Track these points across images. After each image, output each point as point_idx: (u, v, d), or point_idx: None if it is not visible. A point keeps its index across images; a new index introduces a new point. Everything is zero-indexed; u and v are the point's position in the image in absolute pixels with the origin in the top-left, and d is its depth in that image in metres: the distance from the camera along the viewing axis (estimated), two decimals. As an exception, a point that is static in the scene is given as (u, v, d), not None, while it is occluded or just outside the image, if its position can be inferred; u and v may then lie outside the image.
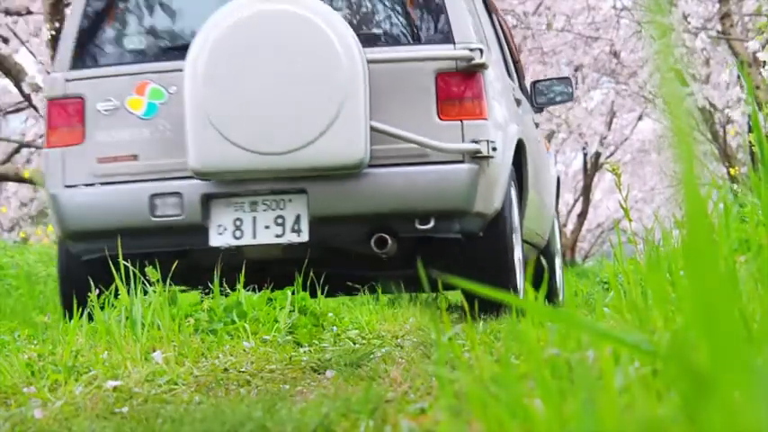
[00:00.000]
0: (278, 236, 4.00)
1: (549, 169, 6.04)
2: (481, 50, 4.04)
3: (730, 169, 12.27)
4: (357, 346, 3.54)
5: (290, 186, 3.97)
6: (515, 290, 4.31)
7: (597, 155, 25.07)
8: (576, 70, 20.12)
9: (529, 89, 5.58)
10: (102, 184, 4.11)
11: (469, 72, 4.00)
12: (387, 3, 4.21)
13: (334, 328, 4.00)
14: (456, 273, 4.05)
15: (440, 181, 3.97)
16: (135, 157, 4.08)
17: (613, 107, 23.97)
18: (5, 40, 11.91)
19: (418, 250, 4.08)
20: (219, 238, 4.04)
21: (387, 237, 3.99)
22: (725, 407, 0.66)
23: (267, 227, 3.98)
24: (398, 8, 4.19)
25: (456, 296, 6.92)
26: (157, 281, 3.42)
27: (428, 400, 1.93)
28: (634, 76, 20.29)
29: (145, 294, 3.38)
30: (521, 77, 5.67)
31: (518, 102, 4.98)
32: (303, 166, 3.88)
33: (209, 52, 3.80)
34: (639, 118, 24.73)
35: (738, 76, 14.86)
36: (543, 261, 4.17)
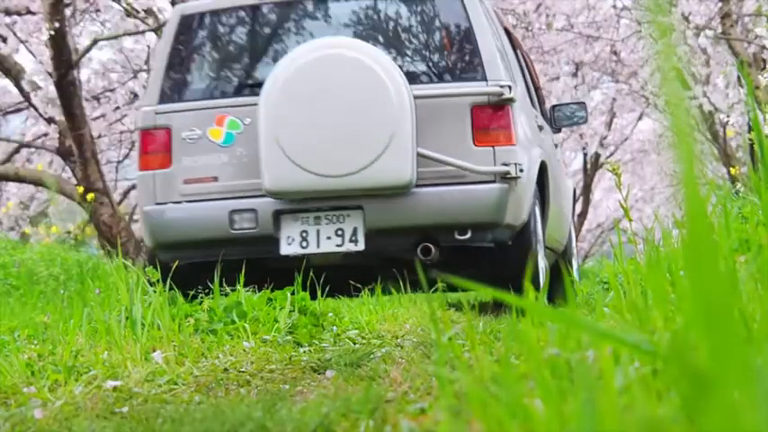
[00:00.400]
0: (338, 245, 4.62)
1: (567, 183, 6.82)
2: (510, 87, 4.71)
3: (730, 169, 12.26)
4: (357, 346, 3.54)
5: (348, 203, 4.59)
6: (538, 291, 5.02)
7: (597, 155, 25.08)
8: (576, 69, 20.11)
9: (549, 112, 6.33)
10: (188, 201, 4.74)
11: (500, 105, 4.66)
12: (428, 45, 4.92)
13: (334, 327, 4.00)
14: (487, 277, 4.88)
15: (475, 198, 4.62)
16: (215, 179, 4.72)
17: (613, 107, 23.96)
18: (5, 40, 11.91)
19: (456, 257, 4.82)
20: (288, 247, 4.65)
21: (431, 246, 4.61)
22: (725, 407, 0.66)
23: (329, 237, 4.60)
24: (438, 50, 4.90)
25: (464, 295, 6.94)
26: (157, 281, 3.65)
27: (428, 400, 1.93)
28: (634, 75, 20.29)
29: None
30: (542, 103, 6.41)
31: (540, 127, 5.69)
32: (360, 187, 4.51)
33: (279, 90, 4.46)
34: (639, 118, 24.73)
35: (738, 77, 14.86)
36: (562, 263, 5.19)
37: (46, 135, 13.06)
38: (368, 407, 1.81)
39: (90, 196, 9.66)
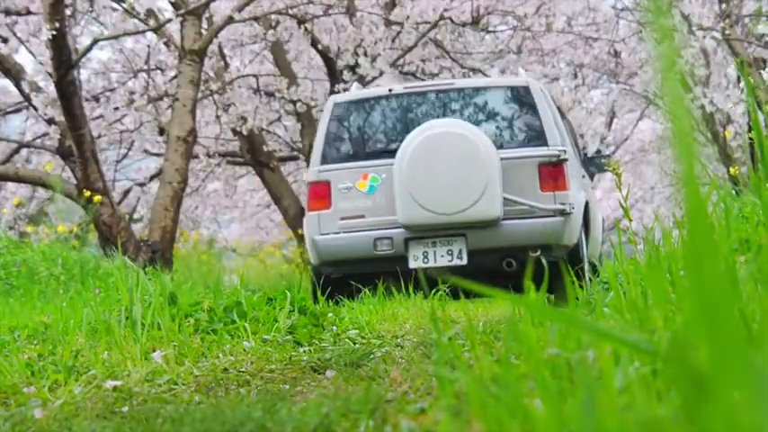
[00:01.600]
0: (449, 261, 6.48)
1: (599, 215, 8.82)
2: (564, 150, 6.62)
3: (730, 169, 12.25)
4: (357, 345, 3.54)
5: (455, 232, 6.43)
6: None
7: (597, 154, 25.01)
8: (576, 70, 20.10)
9: (584, 162, 8.35)
10: (344, 232, 6.60)
11: (558, 163, 6.55)
12: (509, 122, 6.89)
13: (334, 327, 4.00)
14: (549, 284, 6.43)
15: (543, 228, 6.47)
16: (363, 216, 6.60)
17: (613, 107, 23.95)
18: (5, 40, 11.91)
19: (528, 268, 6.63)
20: (414, 262, 6.49)
21: (512, 260, 6.46)
22: (725, 407, 0.66)
23: (442, 255, 6.48)
24: (516, 125, 6.87)
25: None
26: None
27: (428, 400, 1.93)
28: (634, 76, 20.27)
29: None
30: (580, 152, 8.53)
31: (583, 176, 7.74)
32: (464, 221, 6.36)
33: (408, 156, 6.30)
34: (639, 118, 24.73)
35: (738, 77, 14.85)
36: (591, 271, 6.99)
37: (46, 135, 13.06)
38: (368, 407, 1.81)
39: (97, 198, 9.67)
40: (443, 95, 6.95)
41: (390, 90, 7.01)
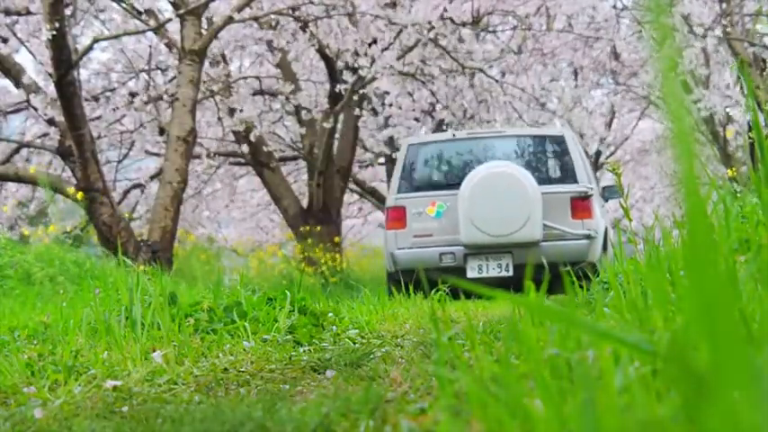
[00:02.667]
0: (498, 272, 8.27)
1: (611, 232, 10.97)
2: (591, 187, 8.48)
3: (730, 169, 12.30)
4: (357, 345, 3.53)
5: (504, 250, 8.20)
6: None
7: (597, 155, 25.06)
8: (576, 71, 20.09)
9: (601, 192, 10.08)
10: (417, 248, 8.50)
11: (586, 197, 8.38)
12: (548, 163, 8.74)
13: (334, 327, 4.00)
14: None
15: (573, 248, 8.24)
16: (431, 235, 8.49)
17: (613, 107, 23.94)
18: (5, 40, 11.91)
19: (560, 279, 8.01)
20: (471, 272, 8.31)
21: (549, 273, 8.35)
22: (725, 407, 0.66)
23: (493, 268, 8.29)
24: (552, 166, 8.71)
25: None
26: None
27: (428, 400, 1.92)
28: (634, 76, 20.24)
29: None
30: (598, 183, 10.41)
31: (602, 204, 9.36)
32: (512, 242, 8.13)
33: (470, 189, 8.10)
34: (639, 118, 24.73)
35: (738, 77, 14.84)
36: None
37: (46, 135, 13.06)
38: (368, 407, 1.81)
39: (80, 195, 9.66)
40: (496, 141, 9.01)
41: (454, 135, 9.16)
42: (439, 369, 1.35)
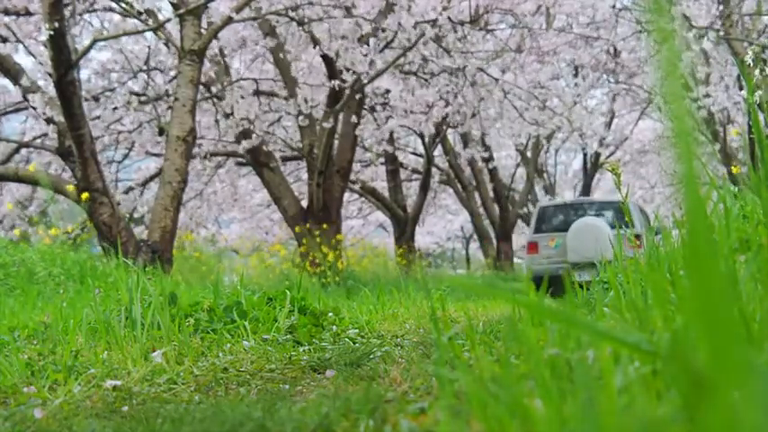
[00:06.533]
0: (587, 278, 12.02)
1: None
2: (643, 232, 12.53)
3: (731, 168, 12.50)
4: (357, 345, 3.53)
5: (590, 265, 12.79)
6: None
7: (597, 154, 25.05)
8: (575, 70, 20.06)
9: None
10: (546, 265, 14.10)
11: (638, 236, 12.20)
12: (616, 217, 13.91)
13: (334, 327, 4.00)
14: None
15: None
16: (551, 257, 14.13)
17: (613, 107, 23.90)
18: (4, 40, 11.90)
19: None
20: (578, 278, 12.05)
21: None
22: (725, 407, 0.66)
23: (585, 276, 12.68)
24: (620, 218, 13.46)
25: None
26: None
27: (428, 400, 1.93)
28: (634, 76, 20.21)
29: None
30: (650, 224, 15.00)
31: (652, 239, 12.39)
32: (594, 261, 11.60)
33: (573, 232, 13.46)
34: (639, 118, 24.70)
35: (738, 76, 14.83)
36: None
37: (46, 135, 13.05)
38: (368, 407, 1.81)
39: (84, 196, 9.65)
40: (587, 204, 14.66)
41: (564, 202, 14.95)
42: (439, 369, 1.35)
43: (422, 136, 19.90)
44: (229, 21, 10.77)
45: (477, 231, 24.65)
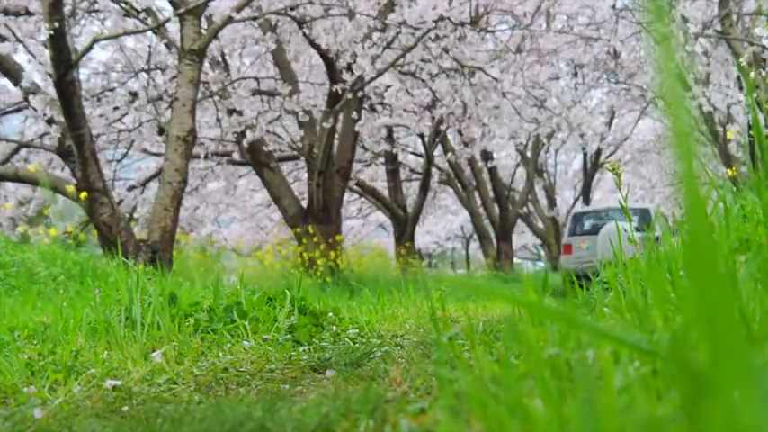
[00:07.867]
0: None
1: None
2: (660, 236, 10.95)
3: (730, 169, 12.49)
4: (357, 345, 3.53)
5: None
6: None
7: (597, 154, 25.05)
8: (575, 70, 20.05)
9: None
10: (578, 264, 16.44)
11: (657, 239, 11.07)
12: (641, 222, 15.50)
13: (334, 327, 4.00)
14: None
15: None
16: (583, 257, 16.64)
17: (613, 107, 23.89)
18: (4, 40, 11.91)
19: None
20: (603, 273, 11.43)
21: None
22: (725, 407, 0.66)
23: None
24: (642, 223, 14.90)
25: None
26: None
27: (428, 400, 1.93)
28: (634, 76, 20.20)
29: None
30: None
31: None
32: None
33: (602, 236, 14.25)
34: (639, 118, 24.70)
35: (738, 76, 14.84)
36: None
37: (45, 135, 13.05)
38: (368, 407, 1.81)
39: (83, 195, 9.65)
40: (612, 212, 16.79)
41: (595, 209, 17.13)
42: (439, 369, 1.35)
43: (422, 136, 19.90)
44: (229, 20, 10.77)
45: (477, 231, 24.67)
